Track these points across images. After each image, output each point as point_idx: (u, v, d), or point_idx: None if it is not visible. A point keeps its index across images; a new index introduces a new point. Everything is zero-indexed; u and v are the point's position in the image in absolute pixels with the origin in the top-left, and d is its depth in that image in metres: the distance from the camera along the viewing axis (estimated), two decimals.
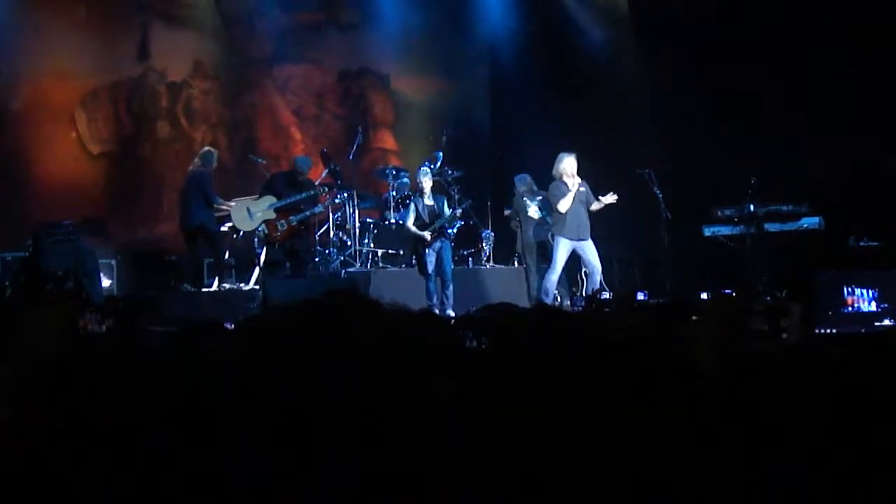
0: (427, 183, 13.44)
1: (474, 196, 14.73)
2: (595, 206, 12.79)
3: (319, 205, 14.12)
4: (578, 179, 12.73)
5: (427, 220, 13.20)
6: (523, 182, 14.08)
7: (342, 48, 17.85)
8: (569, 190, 12.61)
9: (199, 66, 16.55)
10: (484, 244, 15.10)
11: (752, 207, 12.84)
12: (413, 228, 13.25)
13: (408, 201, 13.77)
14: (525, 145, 15.40)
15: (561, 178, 12.74)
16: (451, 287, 13.14)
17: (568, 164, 12.74)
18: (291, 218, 13.63)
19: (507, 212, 14.62)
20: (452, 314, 11.84)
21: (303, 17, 17.45)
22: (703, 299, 10.13)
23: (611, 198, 12.73)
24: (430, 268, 13.07)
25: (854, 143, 12.74)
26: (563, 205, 12.61)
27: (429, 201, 13.35)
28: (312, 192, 13.96)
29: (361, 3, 17.71)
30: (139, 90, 16.12)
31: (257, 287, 13.34)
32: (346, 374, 1.91)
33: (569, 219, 12.69)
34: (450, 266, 13.29)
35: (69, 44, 15.30)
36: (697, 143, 13.89)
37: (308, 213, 13.84)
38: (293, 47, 17.21)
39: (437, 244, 13.18)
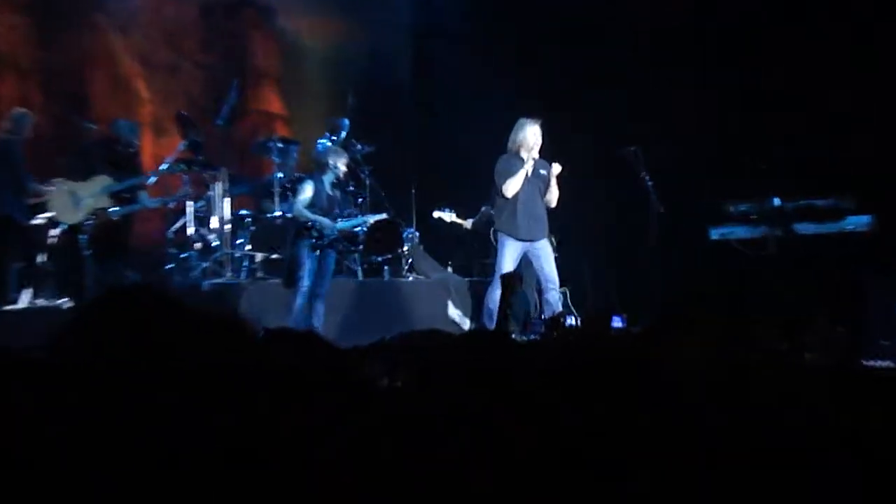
0: (341, 165, 11.19)
1: (393, 182, 13.45)
2: (553, 197, 10.94)
3: (158, 199, 12.18)
4: (537, 157, 10.79)
5: (326, 209, 10.91)
6: None
7: None
8: (522, 166, 10.71)
9: None
10: (406, 248, 13.18)
11: (777, 202, 11.01)
12: (306, 212, 10.78)
13: (303, 182, 11.34)
14: (460, 115, 13.84)
15: (518, 151, 10.81)
16: (321, 304, 10.94)
17: (531, 134, 10.81)
18: (110, 210, 11.49)
19: (483, 209, 12.44)
20: None
21: None
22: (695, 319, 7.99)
23: (555, 167, 11.02)
24: (306, 273, 10.69)
25: None
26: (512, 186, 10.73)
27: (330, 191, 11.02)
28: (141, 177, 11.99)
29: None
30: None
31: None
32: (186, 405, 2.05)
33: (519, 211, 10.84)
34: (329, 280, 11.14)
35: None
36: (703, 111, 12.22)
37: (137, 206, 11.78)
38: None
39: (328, 249, 11.01)
